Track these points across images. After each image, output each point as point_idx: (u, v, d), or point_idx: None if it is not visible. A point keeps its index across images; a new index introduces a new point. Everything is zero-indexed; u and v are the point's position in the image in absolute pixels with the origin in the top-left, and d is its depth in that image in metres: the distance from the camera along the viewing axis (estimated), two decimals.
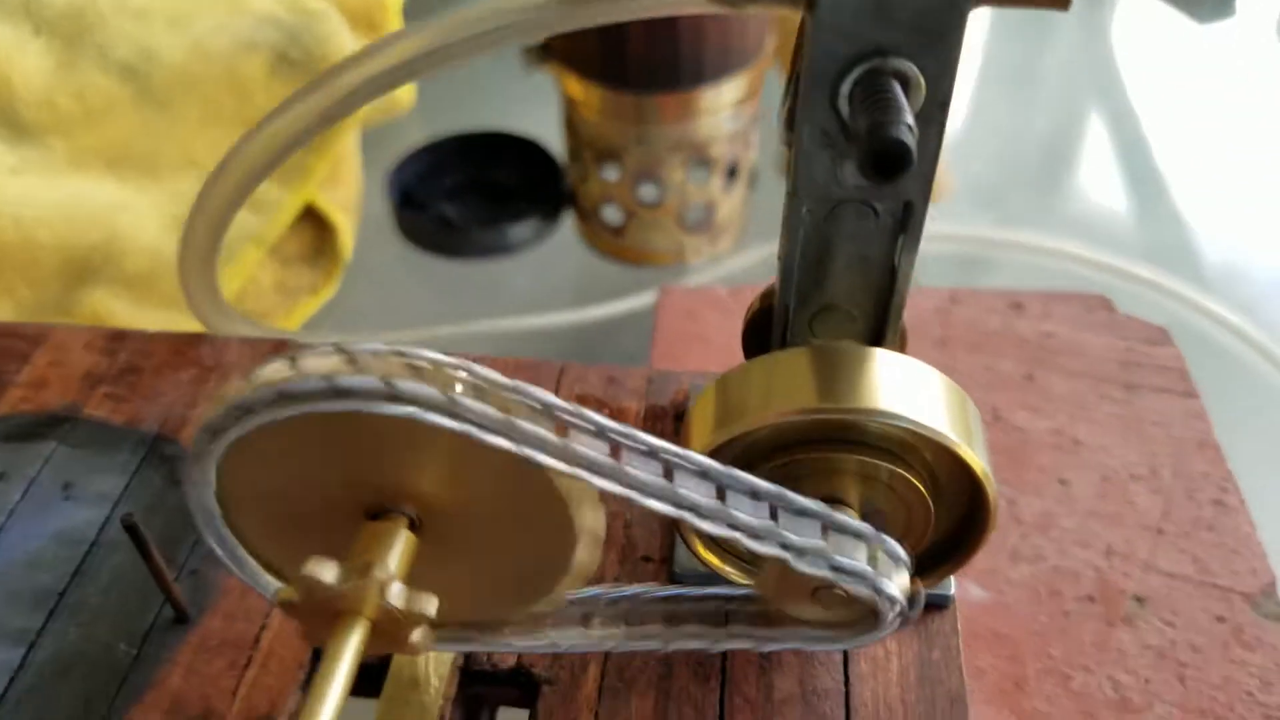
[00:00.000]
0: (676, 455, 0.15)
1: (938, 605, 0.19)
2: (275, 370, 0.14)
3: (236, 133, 0.43)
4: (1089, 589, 0.24)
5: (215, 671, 0.18)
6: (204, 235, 0.22)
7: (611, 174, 0.40)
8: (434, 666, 0.18)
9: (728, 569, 0.18)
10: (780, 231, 0.17)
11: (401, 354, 0.14)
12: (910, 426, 0.16)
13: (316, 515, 0.15)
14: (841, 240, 0.16)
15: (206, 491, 0.15)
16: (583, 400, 0.23)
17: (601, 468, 0.14)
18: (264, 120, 0.20)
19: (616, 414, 0.23)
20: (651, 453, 0.15)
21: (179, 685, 0.18)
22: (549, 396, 0.14)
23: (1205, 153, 0.52)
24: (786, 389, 0.16)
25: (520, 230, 0.43)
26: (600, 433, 0.14)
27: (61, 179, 0.42)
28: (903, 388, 0.16)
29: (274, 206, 0.42)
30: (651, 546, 0.20)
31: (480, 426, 0.14)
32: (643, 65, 0.37)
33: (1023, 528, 0.26)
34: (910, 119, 0.13)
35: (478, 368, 0.14)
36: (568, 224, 0.44)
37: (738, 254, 0.44)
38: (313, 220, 0.43)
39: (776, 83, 0.47)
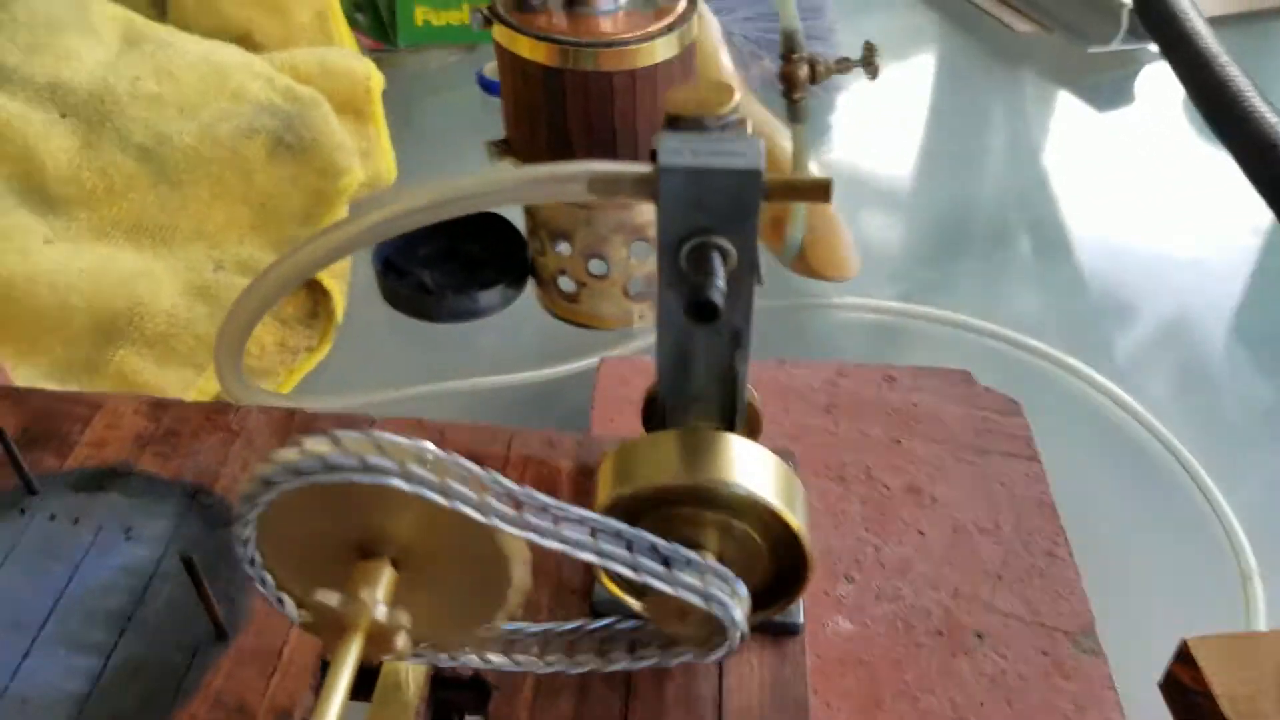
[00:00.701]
0: (567, 510, 0.21)
1: (789, 631, 0.25)
2: (287, 454, 0.20)
3: (241, 208, 0.50)
4: (938, 625, 0.31)
5: (248, 676, 0.24)
6: (235, 333, 0.28)
7: (564, 250, 0.46)
8: (412, 675, 0.24)
9: (625, 597, 0.25)
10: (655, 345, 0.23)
11: (373, 438, 0.20)
12: (746, 494, 0.22)
13: (324, 558, 0.21)
14: (698, 352, 0.23)
15: (250, 544, 0.21)
16: (525, 460, 0.29)
17: (508, 518, 0.20)
18: (290, 250, 0.26)
19: (553, 472, 0.29)
20: (545, 509, 0.21)
21: (221, 686, 0.24)
22: (474, 467, 0.20)
23: (1106, 230, 0.59)
24: (661, 462, 0.23)
25: (489, 296, 0.49)
26: (509, 494, 0.21)
27: (87, 248, 0.48)
28: (743, 465, 0.23)
29: None
30: (576, 582, 0.27)
31: (428, 488, 0.20)
32: (587, 156, 0.43)
33: (886, 571, 0.32)
34: (721, 281, 0.20)
35: (428, 446, 0.20)
36: (530, 292, 0.50)
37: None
38: (309, 286, 0.49)
39: None
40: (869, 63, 0.48)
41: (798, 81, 0.47)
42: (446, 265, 0.52)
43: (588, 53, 0.41)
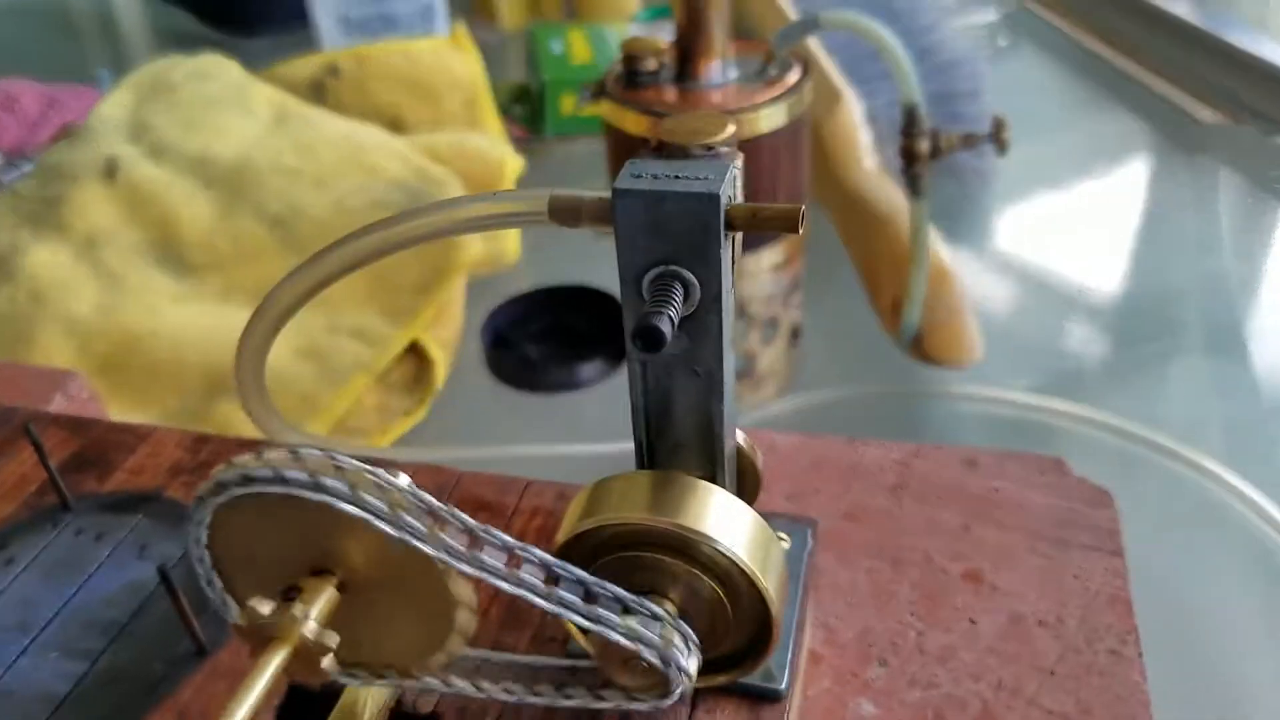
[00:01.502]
0: (522, 549, 0.20)
1: (770, 697, 0.23)
2: (244, 460, 0.20)
3: (361, 276, 0.51)
4: (972, 716, 0.28)
5: (217, 692, 0.24)
6: (249, 365, 0.29)
7: None
8: (371, 704, 0.23)
9: (584, 641, 0.23)
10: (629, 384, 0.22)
11: (334, 459, 0.20)
12: (709, 543, 0.21)
13: (275, 569, 0.21)
14: (676, 393, 0.22)
15: (200, 538, 0.21)
16: (535, 510, 0.29)
17: (458, 553, 0.19)
18: (295, 269, 0.26)
19: (556, 522, 0.28)
20: (504, 547, 0.20)
21: (189, 700, 0.24)
22: (431, 500, 0.20)
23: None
24: (628, 501, 0.21)
25: (588, 369, 0.49)
26: (466, 529, 0.20)
27: (211, 308, 0.50)
28: (716, 515, 0.21)
29: (384, 341, 0.50)
30: (557, 630, 0.25)
31: (374, 515, 0.19)
32: None
33: (925, 658, 0.29)
34: (674, 310, 0.19)
35: (386, 475, 0.20)
36: None
37: (780, 401, 0.49)
38: (414, 352, 0.51)
39: (827, 241, 0.53)
40: (998, 138, 0.46)
41: (918, 156, 0.45)
42: (551, 339, 0.53)
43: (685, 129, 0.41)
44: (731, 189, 0.20)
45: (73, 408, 0.36)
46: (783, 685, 0.23)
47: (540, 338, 0.53)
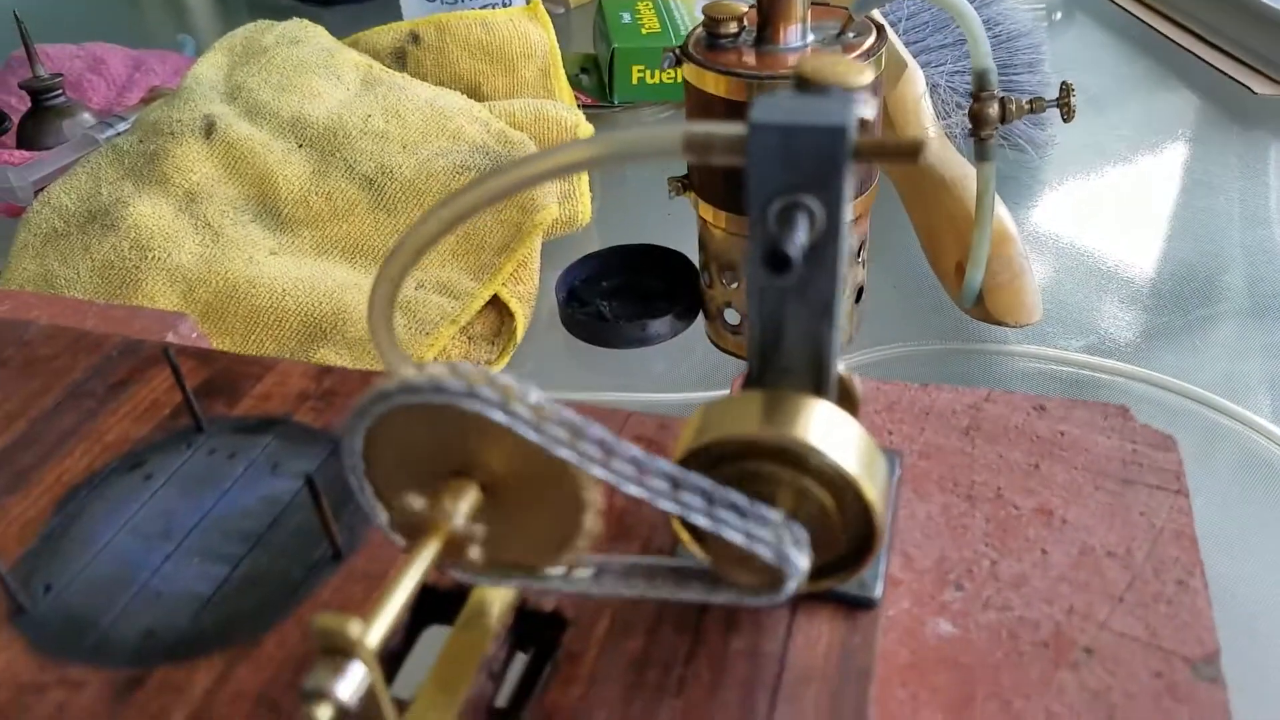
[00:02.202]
0: (649, 458, 0.22)
1: (864, 605, 0.25)
2: (406, 371, 0.22)
3: (448, 239, 0.54)
4: (1045, 637, 0.29)
5: (355, 592, 0.27)
6: (386, 293, 0.31)
7: (732, 283, 0.48)
8: (498, 603, 0.26)
9: (694, 547, 0.25)
10: (748, 310, 0.24)
11: (487, 374, 0.22)
12: (820, 454, 0.22)
13: (421, 473, 0.23)
14: (789, 319, 0.24)
15: (356, 446, 0.23)
16: (636, 440, 0.31)
17: (594, 459, 0.22)
18: (435, 206, 0.28)
19: (661, 452, 0.30)
20: (632, 458, 0.22)
21: (329, 599, 0.26)
22: (571, 415, 0.22)
23: None
24: (739, 417, 0.23)
25: (658, 325, 0.51)
26: (599, 442, 0.22)
27: (307, 261, 0.53)
28: (822, 427, 0.23)
29: (468, 295, 0.52)
30: (665, 542, 0.27)
31: (523, 425, 0.21)
32: None
33: (998, 584, 0.31)
34: (801, 238, 0.21)
35: (535, 392, 0.22)
36: (699, 322, 0.52)
37: (845, 356, 0.51)
38: (496, 307, 0.53)
39: (886, 207, 0.54)
40: (1064, 103, 0.48)
41: (987, 120, 0.47)
42: (624, 296, 0.55)
43: (769, 85, 0.42)
44: (855, 122, 0.22)
45: (185, 345, 0.39)
46: (877, 594, 0.25)
47: (612, 295, 0.55)
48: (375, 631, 0.19)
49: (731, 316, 0.50)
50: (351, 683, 0.19)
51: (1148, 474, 0.34)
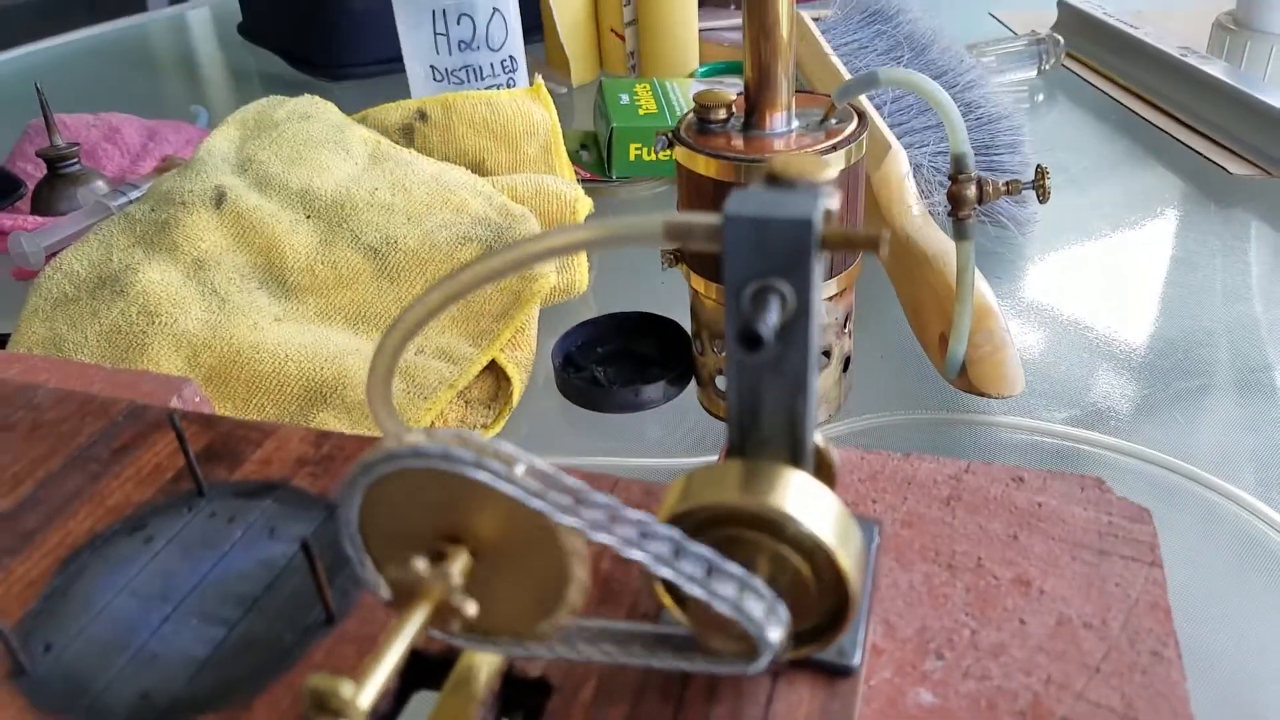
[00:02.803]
0: (651, 523, 0.23)
1: (843, 672, 0.26)
2: (413, 437, 0.23)
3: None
4: (1023, 707, 0.30)
5: (346, 655, 0.27)
6: (385, 363, 0.32)
7: (723, 351, 0.49)
8: (485, 670, 0.26)
9: (677, 612, 0.26)
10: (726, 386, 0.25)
11: (461, 436, 0.23)
12: (797, 523, 0.23)
13: (413, 537, 0.24)
14: (766, 393, 0.25)
15: (352, 510, 0.24)
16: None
17: (599, 525, 0.22)
18: (431, 288, 0.30)
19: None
20: (635, 522, 0.23)
21: (321, 661, 0.27)
22: (574, 481, 0.23)
23: None
24: (719, 485, 0.24)
25: (652, 391, 0.52)
26: (596, 504, 0.23)
27: (310, 327, 0.54)
28: (798, 497, 0.24)
29: (466, 360, 0.53)
30: (649, 608, 0.28)
31: (498, 479, 0.22)
32: None
33: (978, 653, 0.32)
34: (773, 318, 0.22)
35: (505, 446, 0.23)
36: (691, 389, 0.53)
37: (832, 425, 0.52)
38: (493, 372, 0.54)
39: (873, 279, 0.56)
40: (1040, 185, 0.49)
41: (965, 200, 0.48)
42: (618, 362, 0.56)
43: (756, 168, 0.44)
44: (822, 215, 0.23)
45: (188, 410, 0.40)
46: (855, 661, 0.26)
47: (607, 360, 0.56)
48: (367, 693, 0.20)
49: (723, 383, 0.51)
50: None
51: (1123, 545, 0.35)
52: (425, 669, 0.28)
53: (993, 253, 0.68)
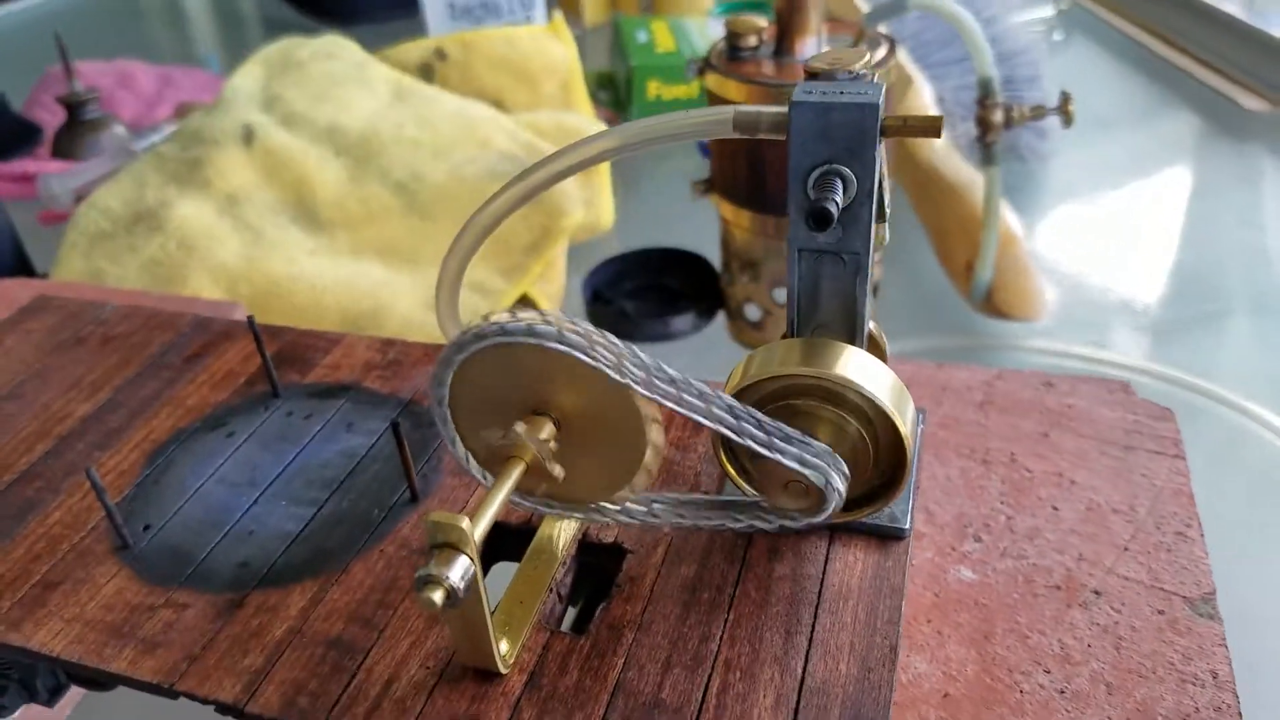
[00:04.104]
0: (716, 395, 0.25)
1: (895, 536, 0.28)
2: (500, 316, 0.24)
3: None
4: (1057, 581, 0.32)
5: None
6: (450, 279, 0.33)
7: (752, 280, 0.50)
8: (562, 538, 0.28)
9: (742, 484, 0.28)
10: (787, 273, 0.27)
11: (543, 314, 0.25)
12: (857, 389, 0.25)
13: (498, 413, 0.26)
14: (824, 280, 0.26)
15: (443, 389, 0.26)
16: None
17: (668, 395, 0.24)
18: (491, 197, 0.31)
19: None
20: (700, 394, 0.25)
21: (408, 534, 0.29)
22: (645, 356, 0.24)
23: None
24: (783, 359, 0.26)
25: (680, 322, 0.54)
26: (670, 380, 0.25)
27: (343, 261, 0.56)
28: (856, 367, 0.26)
29: (498, 294, 0.55)
30: (710, 486, 0.30)
31: (578, 350, 0.24)
32: (779, 195, 0.47)
33: (1014, 536, 0.34)
34: (837, 198, 0.23)
35: (585, 324, 0.25)
36: (720, 320, 0.55)
37: None
38: (523, 305, 0.56)
39: (897, 210, 0.57)
40: (1064, 110, 0.51)
41: (992, 125, 0.50)
42: (646, 297, 0.57)
43: (787, 92, 0.45)
44: (883, 102, 0.25)
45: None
46: (907, 525, 0.28)
47: (635, 294, 0.58)
48: (480, 527, 0.22)
49: (751, 313, 0.52)
50: (461, 569, 0.21)
51: (1148, 441, 0.37)
52: (506, 542, 0.29)
53: (1014, 187, 0.69)
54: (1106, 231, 0.64)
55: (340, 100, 0.61)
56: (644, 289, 0.58)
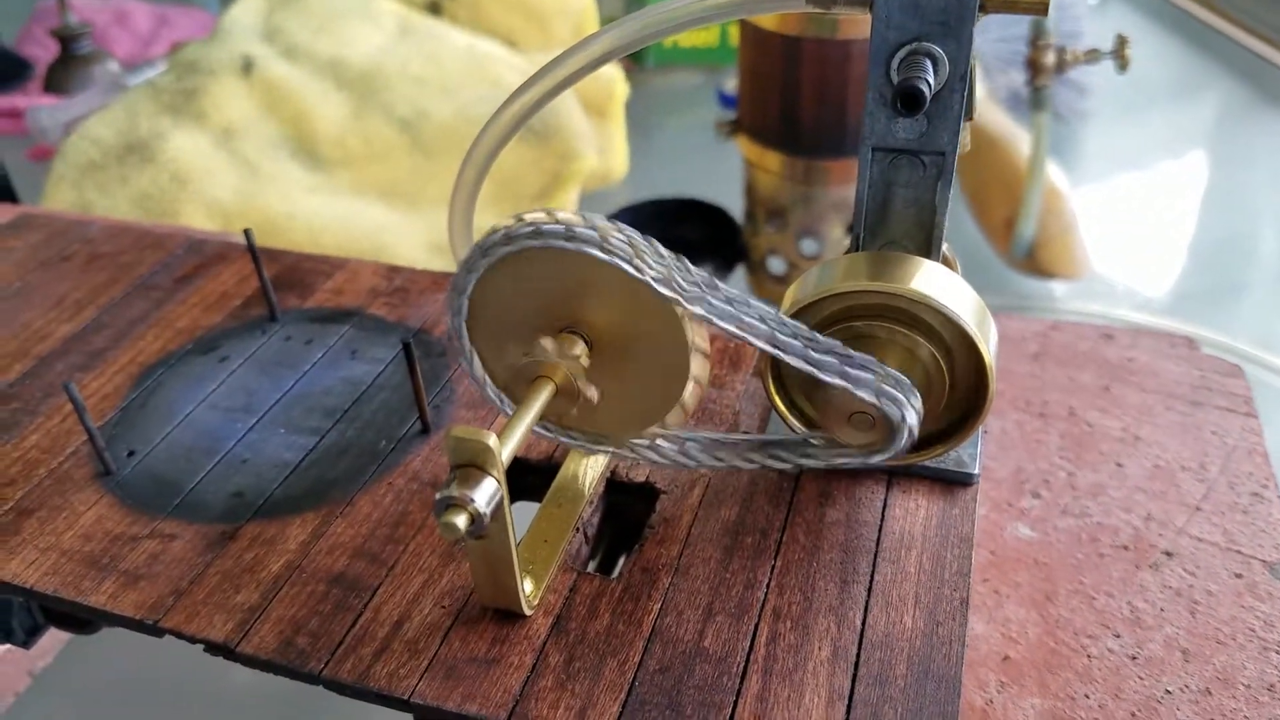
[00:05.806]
0: (777, 316, 0.22)
1: (962, 481, 0.25)
2: (535, 215, 0.22)
3: (489, 185, 0.53)
4: (1125, 541, 0.29)
5: (443, 463, 0.26)
6: (464, 200, 0.30)
7: (778, 229, 0.48)
8: (590, 473, 0.25)
9: (792, 420, 0.25)
10: (857, 179, 0.24)
11: (584, 217, 0.22)
12: (934, 307, 0.22)
13: (524, 328, 0.23)
14: (898, 187, 0.23)
15: (462, 300, 0.23)
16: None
17: (725, 314, 0.21)
18: (505, 103, 0.28)
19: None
20: (760, 314, 0.22)
21: (419, 467, 0.26)
22: (699, 271, 0.22)
23: None
24: (849, 273, 0.23)
25: None
26: (728, 298, 0.22)
27: (343, 200, 0.53)
28: (934, 282, 0.23)
29: None
30: (749, 426, 0.27)
31: (621, 259, 0.21)
32: (813, 134, 0.45)
33: (1076, 493, 0.31)
34: (929, 78, 0.20)
35: (660, 247, 0.22)
36: (739, 274, 0.52)
37: None
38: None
39: None
40: (1120, 54, 0.48)
41: (1043, 68, 0.47)
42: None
43: (829, 20, 0.42)
44: None
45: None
46: (975, 470, 0.25)
47: None
48: (508, 447, 0.19)
49: (774, 265, 0.49)
50: (487, 491, 0.18)
51: (1217, 397, 0.34)
52: (527, 479, 0.27)
53: (1051, 148, 0.66)
54: (1147, 195, 0.62)
55: (344, 34, 0.58)
56: (660, 241, 0.55)
